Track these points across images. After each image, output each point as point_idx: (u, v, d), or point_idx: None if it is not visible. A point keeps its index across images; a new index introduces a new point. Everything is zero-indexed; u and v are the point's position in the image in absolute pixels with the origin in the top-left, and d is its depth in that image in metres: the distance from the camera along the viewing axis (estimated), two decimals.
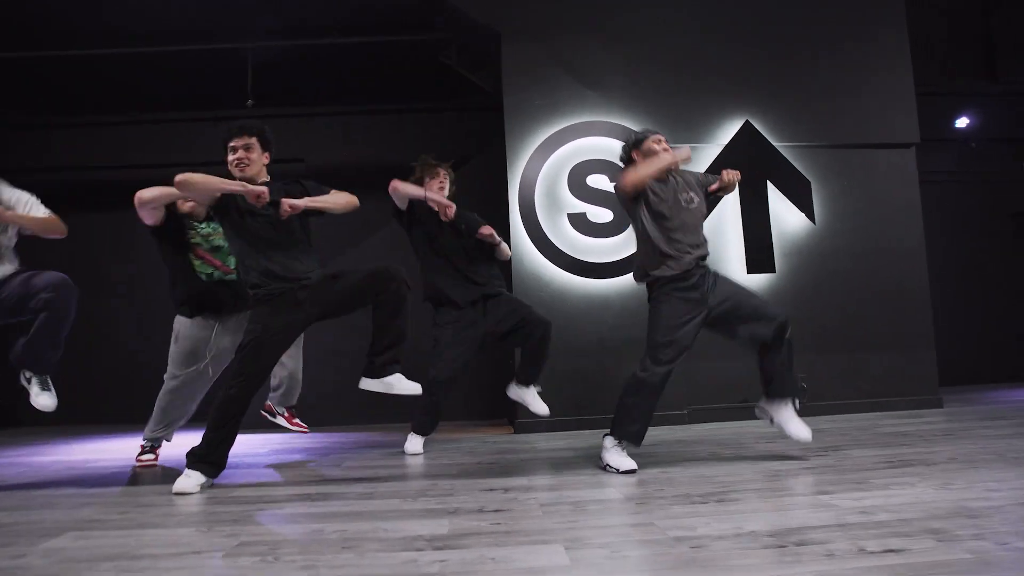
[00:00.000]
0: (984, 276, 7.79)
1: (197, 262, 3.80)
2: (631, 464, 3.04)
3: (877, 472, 2.80)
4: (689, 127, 5.29)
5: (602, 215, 5.07)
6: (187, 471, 3.02)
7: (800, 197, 5.32)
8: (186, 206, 3.73)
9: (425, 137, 7.74)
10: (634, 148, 3.35)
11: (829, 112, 5.40)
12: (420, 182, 4.03)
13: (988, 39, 7.50)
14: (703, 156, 5.24)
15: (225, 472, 3.32)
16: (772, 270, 5.20)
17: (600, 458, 3.18)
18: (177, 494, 2.93)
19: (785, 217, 5.27)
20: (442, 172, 4.09)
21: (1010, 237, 7.92)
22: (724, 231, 5.19)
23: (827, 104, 5.40)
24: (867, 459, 3.12)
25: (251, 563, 1.88)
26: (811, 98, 5.40)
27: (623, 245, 5.04)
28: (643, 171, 3.17)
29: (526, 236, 5.02)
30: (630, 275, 5.02)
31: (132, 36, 6.14)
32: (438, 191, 4.01)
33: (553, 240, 5.02)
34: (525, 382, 4.05)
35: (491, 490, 2.76)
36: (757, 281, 5.15)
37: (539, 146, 5.13)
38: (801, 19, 5.49)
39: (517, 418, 4.87)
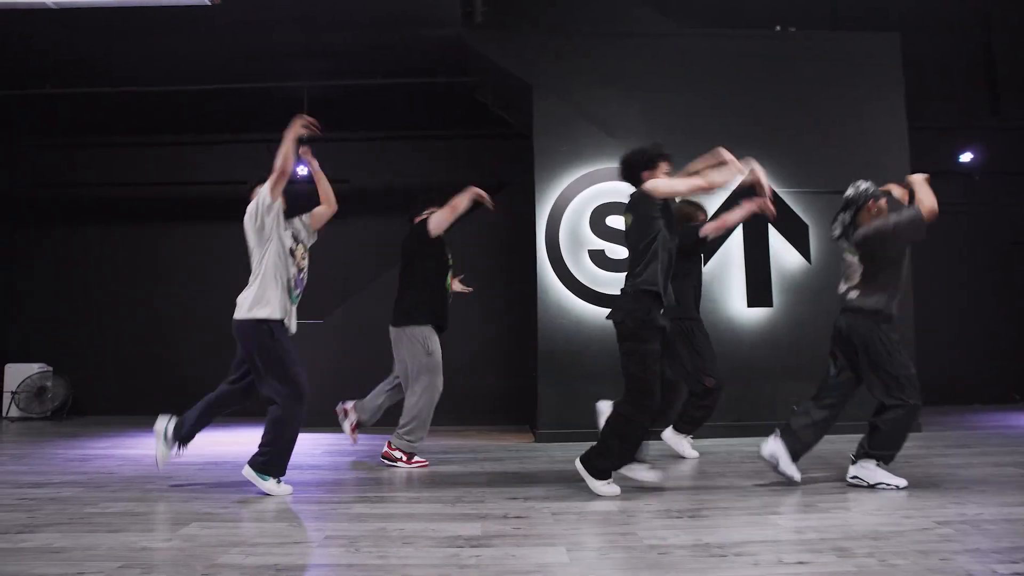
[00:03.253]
0: (973, 301, 8.32)
1: (449, 282, 4.60)
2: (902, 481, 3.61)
3: (827, 496, 3.46)
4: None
5: (620, 252, 5.71)
6: None
7: (798, 239, 5.92)
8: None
9: (459, 161, 8.50)
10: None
11: (824, 157, 5.97)
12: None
13: (992, 76, 7.95)
14: (713, 201, 5.86)
15: (303, 473, 4.07)
16: (770, 304, 5.82)
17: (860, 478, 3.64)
18: None
19: (784, 256, 5.88)
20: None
21: (1004, 265, 8.42)
22: (728, 268, 5.82)
23: (822, 150, 5.98)
24: (826, 485, 3.75)
25: (340, 552, 2.61)
26: (808, 144, 5.98)
27: None
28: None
29: (551, 270, 5.71)
30: None
31: (204, 74, 6.95)
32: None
33: (575, 274, 5.69)
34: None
35: (514, 499, 3.46)
36: (757, 314, 5.78)
37: (564, 189, 5.81)
38: (799, 70, 6.08)
39: (538, 428, 5.58)
